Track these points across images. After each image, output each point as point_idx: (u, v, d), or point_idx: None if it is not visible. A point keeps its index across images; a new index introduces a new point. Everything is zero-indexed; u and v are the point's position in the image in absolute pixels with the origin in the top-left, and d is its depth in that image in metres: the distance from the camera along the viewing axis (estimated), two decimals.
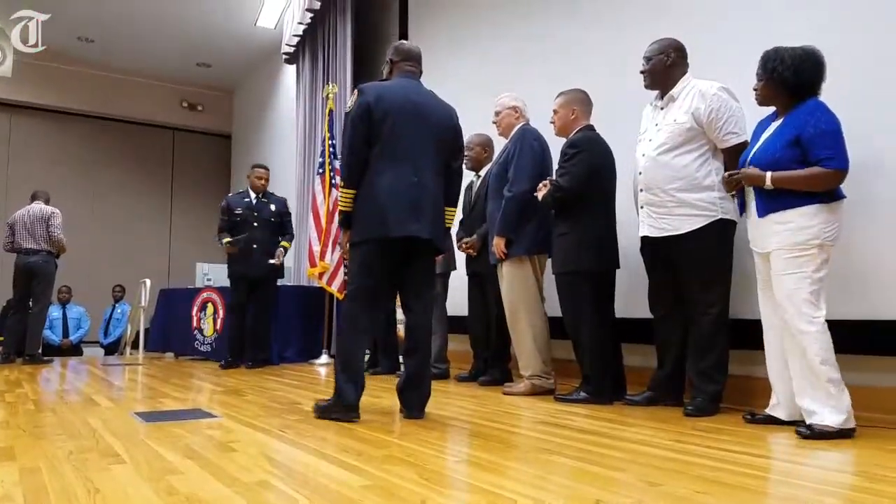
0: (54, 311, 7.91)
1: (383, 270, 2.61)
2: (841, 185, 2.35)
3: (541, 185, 3.27)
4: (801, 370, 2.30)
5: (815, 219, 2.31)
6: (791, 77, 2.41)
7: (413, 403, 2.65)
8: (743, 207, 2.61)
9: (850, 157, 2.32)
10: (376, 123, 2.59)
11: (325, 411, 2.61)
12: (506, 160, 3.58)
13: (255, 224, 5.19)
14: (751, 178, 2.45)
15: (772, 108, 2.56)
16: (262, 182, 5.34)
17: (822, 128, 2.34)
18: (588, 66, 4.03)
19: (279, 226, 5.36)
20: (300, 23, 7.34)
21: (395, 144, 2.60)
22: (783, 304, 2.34)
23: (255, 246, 5.13)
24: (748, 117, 2.76)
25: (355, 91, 2.66)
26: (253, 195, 5.31)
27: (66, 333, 7.97)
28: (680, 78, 2.91)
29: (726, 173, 2.62)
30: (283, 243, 5.34)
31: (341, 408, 2.56)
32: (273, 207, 5.34)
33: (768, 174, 2.39)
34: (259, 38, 8.64)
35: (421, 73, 2.86)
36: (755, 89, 2.53)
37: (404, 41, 3.20)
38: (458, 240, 4.19)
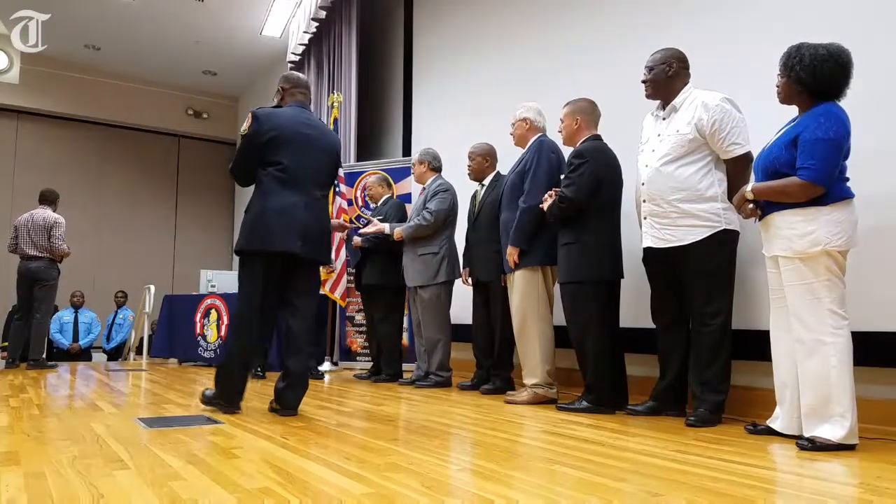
0: (66, 315, 7.98)
1: (267, 279, 2.86)
2: (846, 185, 2.25)
3: (546, 195, 3.28)
4: (812, 382, 2.22)
5: (814, 223, 2.22)
6: (808, 77, 2.28)
7: (291, 403, 2.92)
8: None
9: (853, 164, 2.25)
10: (270, 148, 2.86)
11: (209, 400, 2.96)
12: (522, 170, 3.58)
13: None
14: (739, 201, 2.43)
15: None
16: None
17: (818, 135, 2.21)
18: (596, 70, 4.05)
19: None
20: (305, 32, 7.40)
21: (286, 169, 2.86)
22: (794, 316, 2.28)
23: None
24: (758, 121, 2.75)
25: (250, 115, 2.89)
26: None
27: (76, 337, 8.00)
28: (682, 88, 2.91)
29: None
30: None
31: (223, 401, 2.90)
32: None
33: (749, 186, 2.38)
34: (265, 46, 8.71)
35: (311, 100, 3.13)
36: (777, 86, 2.42)
37: (293, 71, 3.48)
38: (465, 253, 4.20)
